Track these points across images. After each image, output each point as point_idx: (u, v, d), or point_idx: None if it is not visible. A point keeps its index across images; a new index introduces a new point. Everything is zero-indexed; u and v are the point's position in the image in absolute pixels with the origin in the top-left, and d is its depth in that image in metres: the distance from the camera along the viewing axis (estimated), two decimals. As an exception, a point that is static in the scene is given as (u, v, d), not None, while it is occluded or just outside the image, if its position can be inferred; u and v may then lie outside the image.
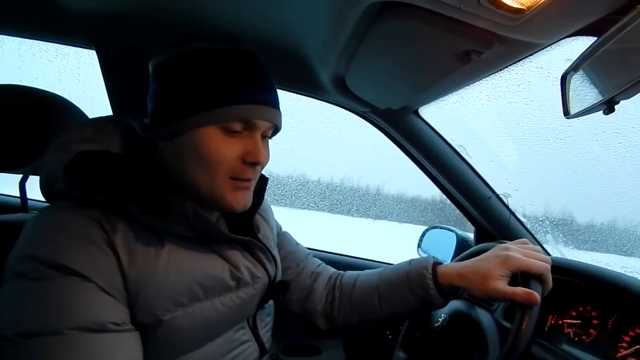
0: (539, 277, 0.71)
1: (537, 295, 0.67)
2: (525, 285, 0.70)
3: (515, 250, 0.75)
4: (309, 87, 1.19)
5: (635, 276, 0.87)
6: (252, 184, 0.70)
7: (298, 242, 1.03)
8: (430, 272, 0.81)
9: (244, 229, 0.78)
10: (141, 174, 0.65)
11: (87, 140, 0.65)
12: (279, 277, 0.84)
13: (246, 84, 0.64)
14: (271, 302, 0.87)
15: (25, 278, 0.53)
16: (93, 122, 0.69)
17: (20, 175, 0.95)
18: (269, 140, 0.73)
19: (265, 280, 0.78)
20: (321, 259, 1.06)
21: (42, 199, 0.67)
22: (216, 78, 0.62)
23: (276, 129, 0.72)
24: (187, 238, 0.65)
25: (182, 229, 0.63)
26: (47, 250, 0.54)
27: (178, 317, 0.62)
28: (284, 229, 1.03)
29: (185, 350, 0.66)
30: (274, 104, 0.68)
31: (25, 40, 1.09)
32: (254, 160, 0.65)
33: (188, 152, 0.64)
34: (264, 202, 0.90)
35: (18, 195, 0.97)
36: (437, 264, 0.84)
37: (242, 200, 0.69)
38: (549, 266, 0.72)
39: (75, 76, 1.56)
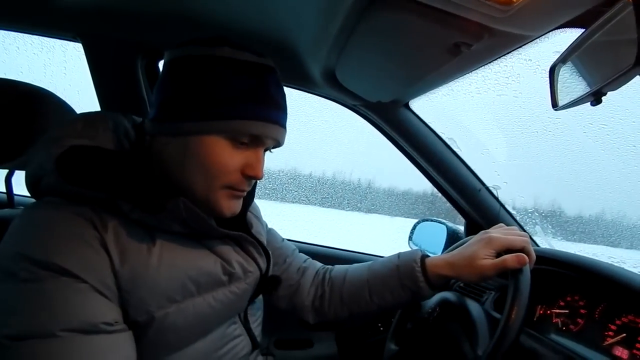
0: (522, 251, 0.76)
1: (525, 256, 0.73)
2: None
3: (495, 232, 0.81)
4: (300, 80, 1.18)
5: (621, 266, 0.88)
6: (244, 194, 0.71)
7: (284, 238, 1.03)
8: (420, 265, 0.84)
9: (235, 225, 0.78)
10: (133, 170, 0.64)
11: (78, 135, 0.63)
12: (270, 272, 0.84)
13: (264, 103, 0.64)
14: (261, 296, 0.87)
15: (15, 278, 0.51)
16: (83, 117, 0.68)
17: (6, 171, 0.93)
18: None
19: (257, 274, 0.78)
20: (312, 252, 1.06)
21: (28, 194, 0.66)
22: (238, 90, 0.62)
23: (276, 145, 0.73)
24: (179, 234, 0.65)
25: (175, 225, 0.63)
26: (39, 250, 0.53)
27: (171, 313, 0.62)
28: (273, 224, 1.03)
29: (178, 346, 0.65)
30: (284, 123, 0.69)
31: (9, 32, 1.07)
32: (254, 174, 0.66)
33: (191, 154, 0.63)
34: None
35: (4, 190, 0.96)
36: (425, 256, 0.86)
37: (234, 207, 0.69)
38: (528, 239, 0.78)
39: (62, 70, 1.53)
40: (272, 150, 0.73)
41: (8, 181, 0.94)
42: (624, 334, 0.78)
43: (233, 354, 0.75)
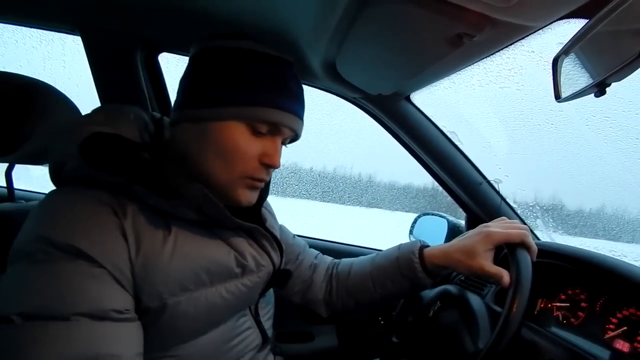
0: (522, 244, 0.76)
1: (508, 278, 0.73)
2: (513, 254, 0.74)
3: (495, 226, 0.81)
4: (299, 72, 1.15)
5: (622, 259, 0.88)
6: (262, 185, 0.72)
7: (294, 234, 1.05)
8: (417, 256, 0.88)
9: (249, 218, 0.78)
10: (151, 158, 0.67)
11: (101, 123, 0.65)
12: (283, 266, 0.85)
13: (282, 92, 0.67)
14: (271, 290, 0.88)
15: (31, 258, 0.53)
16: (105, 109, 0.71)
17: (7, 165, 0.93)
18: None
19: (270, 268, 0.79)
20: (315, 246, 1.07)
21: (29, 188, 0.67)
22: (257, 78, 0.64)
23: (293, 139, 0.75)
24: (194, 222, 0.66)
25: (191, 212, 0.64)
26: (57, 232, 0.54)
27: (183, 302, 0.63)
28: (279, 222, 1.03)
29: (189, 337, 0.66)
30: (301, 115, 0.71)
31: (8, 25, 1.06)
32: (272, 163, 0.68)
33: (210, 140, 0.65)
34: None
35: (4, 185, 0.95)
36: (423, 247, 0.90)
37: (250, 197, 0.71)
38: (527, 232, 0.78)
39: (61, 63, 1.53)
40: (287, 144, 0.75)
41: (8, 175, 0.94)
42: (625, 327, 0.78)
43: (243, 346, 0.76)
